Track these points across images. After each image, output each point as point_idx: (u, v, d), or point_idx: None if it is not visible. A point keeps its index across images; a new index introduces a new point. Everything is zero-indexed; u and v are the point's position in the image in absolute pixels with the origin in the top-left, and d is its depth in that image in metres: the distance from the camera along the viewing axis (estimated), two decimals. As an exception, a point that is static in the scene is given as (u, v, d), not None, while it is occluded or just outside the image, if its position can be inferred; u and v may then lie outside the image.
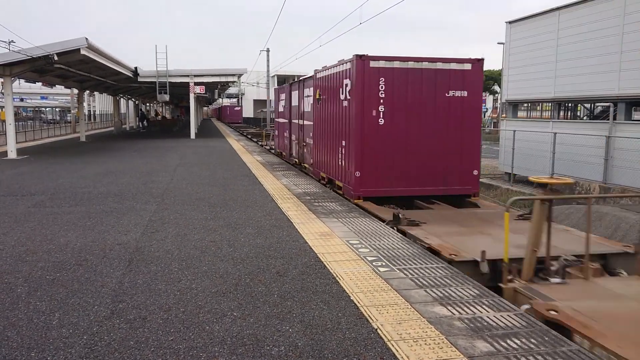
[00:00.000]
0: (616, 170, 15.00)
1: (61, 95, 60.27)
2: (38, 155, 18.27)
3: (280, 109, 19.27)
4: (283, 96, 18.44)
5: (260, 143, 27.81)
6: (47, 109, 56.88)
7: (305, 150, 14.92)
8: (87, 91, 33.93)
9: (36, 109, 54.41)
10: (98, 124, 50.53)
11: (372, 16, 58.02)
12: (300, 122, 15.35)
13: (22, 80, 25.59)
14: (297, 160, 16.09)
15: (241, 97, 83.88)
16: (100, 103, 60.12)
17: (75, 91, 32.06)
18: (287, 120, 17.73)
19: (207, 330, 3.75)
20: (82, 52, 17.36)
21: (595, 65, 16.23)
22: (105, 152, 19.88)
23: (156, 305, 4.22)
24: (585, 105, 22.39)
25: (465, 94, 9.80)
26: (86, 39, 17.15)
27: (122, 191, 10.08)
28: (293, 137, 16.73)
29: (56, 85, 28.81)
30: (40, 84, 27.59)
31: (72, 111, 41.53)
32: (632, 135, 14.65)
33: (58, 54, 16.60)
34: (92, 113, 54.95)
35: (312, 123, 13.43)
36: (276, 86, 28.43)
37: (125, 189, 10.39)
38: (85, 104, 39.13)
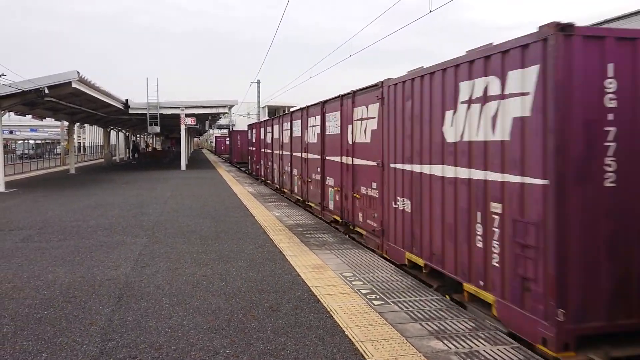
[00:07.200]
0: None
1: (51, 127, 60.14)
2: (27, 188, 18.11)
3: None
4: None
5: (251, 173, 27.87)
6: (35, 142, 54.97)
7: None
8: (78, 123, 33.90)
9: (25, 141, 53.51)
10: (88, 155, 50.34)
11: (361, 49, 58.89)
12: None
13: (11, 113, 25.50)
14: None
15: (232, 128, 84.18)
16: (90, 135, 60.03)
17: (66, 123, 32.03)
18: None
19: (199, 369, 3.66)
20: (74, 85, 17.43)
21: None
22: (95, 184, 19.75)
23: (147, 343, 4.13)
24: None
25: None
26: (77, 72, 17.24)
27: (112, 224, 9.97)
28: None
29: (46, 118, 28.77)
30: (30, 116, 27.55)
31: (62, 143, 41.36)
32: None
33: (49, 87, 16.65)
34: (82, 145, 54.73)
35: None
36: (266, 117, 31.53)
37: (115, 222, 10.29)
38: (75, 136, 38.99)
